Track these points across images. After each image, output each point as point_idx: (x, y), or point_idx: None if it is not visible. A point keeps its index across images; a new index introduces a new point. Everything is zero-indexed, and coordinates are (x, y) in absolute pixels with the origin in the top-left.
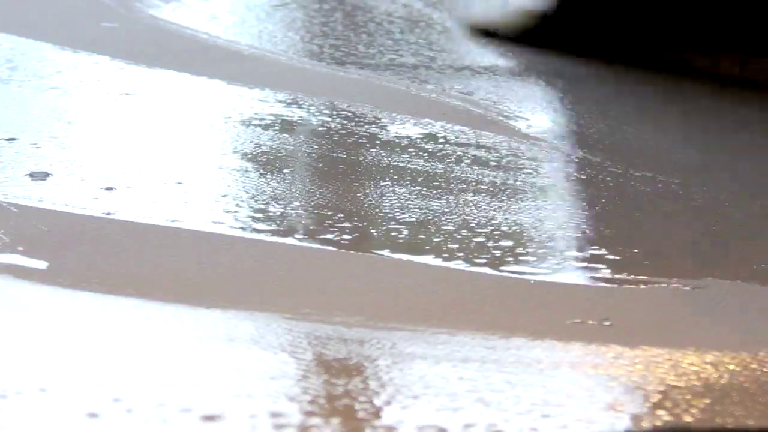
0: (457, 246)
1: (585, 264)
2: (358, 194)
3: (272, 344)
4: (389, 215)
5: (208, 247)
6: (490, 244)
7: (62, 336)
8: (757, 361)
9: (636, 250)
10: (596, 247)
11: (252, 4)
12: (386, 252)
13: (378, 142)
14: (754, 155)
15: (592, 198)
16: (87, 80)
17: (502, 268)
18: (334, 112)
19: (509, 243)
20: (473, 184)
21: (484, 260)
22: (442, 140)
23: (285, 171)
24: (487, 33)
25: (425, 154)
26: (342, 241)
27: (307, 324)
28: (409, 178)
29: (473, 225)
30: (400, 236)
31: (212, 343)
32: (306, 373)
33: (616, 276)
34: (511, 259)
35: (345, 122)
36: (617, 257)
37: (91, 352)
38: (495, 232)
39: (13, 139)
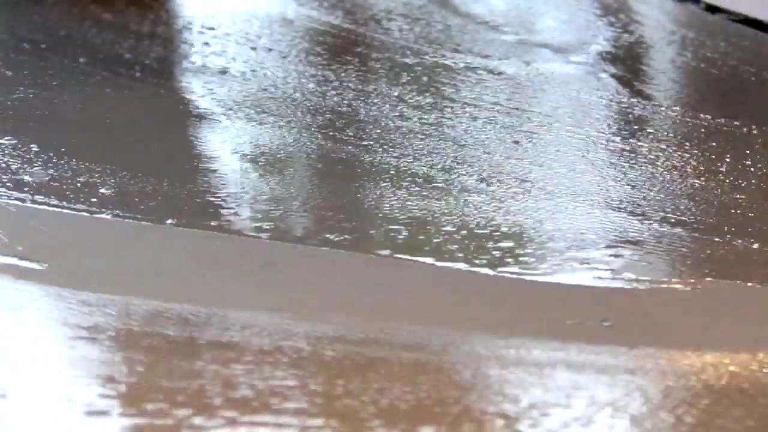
0: (456, 246)
1: (585, 264)
2: (358, 194)
3: (271, 344)
4: (389, 215)
5: (207, 247)
6: (490, 244)
7: (61, 336)
8: (756, 362)
9: (635, 250)
10: (596, 247)
11: None
12: (386, 252)
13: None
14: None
15: (592, 198)
16: None
17: (501, 268)
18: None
19: (509, 243)
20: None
21: (483, 260)
22: None
23: (285, 171)
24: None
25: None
26: (342, 241)
27: (307, 324)
28: (408, 178)
29: (473, 225)
30: (399, 236)
31: (211, 343)
32: (305, 373)
33: (616, 276)
34: (510, 259)
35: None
36: (617, 257)
37: (90, 352)
38: (495, 233)
39: (13, 139)
